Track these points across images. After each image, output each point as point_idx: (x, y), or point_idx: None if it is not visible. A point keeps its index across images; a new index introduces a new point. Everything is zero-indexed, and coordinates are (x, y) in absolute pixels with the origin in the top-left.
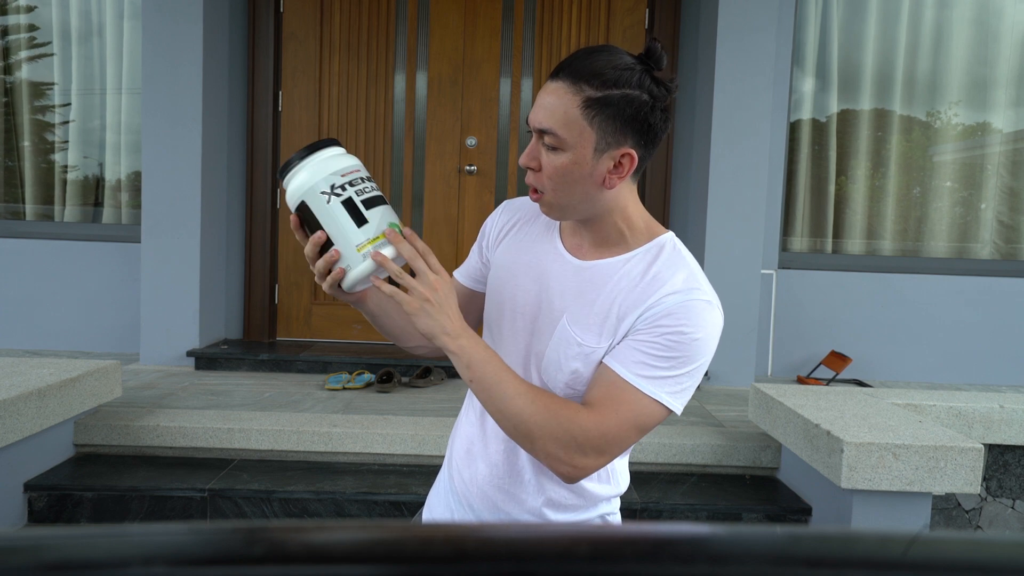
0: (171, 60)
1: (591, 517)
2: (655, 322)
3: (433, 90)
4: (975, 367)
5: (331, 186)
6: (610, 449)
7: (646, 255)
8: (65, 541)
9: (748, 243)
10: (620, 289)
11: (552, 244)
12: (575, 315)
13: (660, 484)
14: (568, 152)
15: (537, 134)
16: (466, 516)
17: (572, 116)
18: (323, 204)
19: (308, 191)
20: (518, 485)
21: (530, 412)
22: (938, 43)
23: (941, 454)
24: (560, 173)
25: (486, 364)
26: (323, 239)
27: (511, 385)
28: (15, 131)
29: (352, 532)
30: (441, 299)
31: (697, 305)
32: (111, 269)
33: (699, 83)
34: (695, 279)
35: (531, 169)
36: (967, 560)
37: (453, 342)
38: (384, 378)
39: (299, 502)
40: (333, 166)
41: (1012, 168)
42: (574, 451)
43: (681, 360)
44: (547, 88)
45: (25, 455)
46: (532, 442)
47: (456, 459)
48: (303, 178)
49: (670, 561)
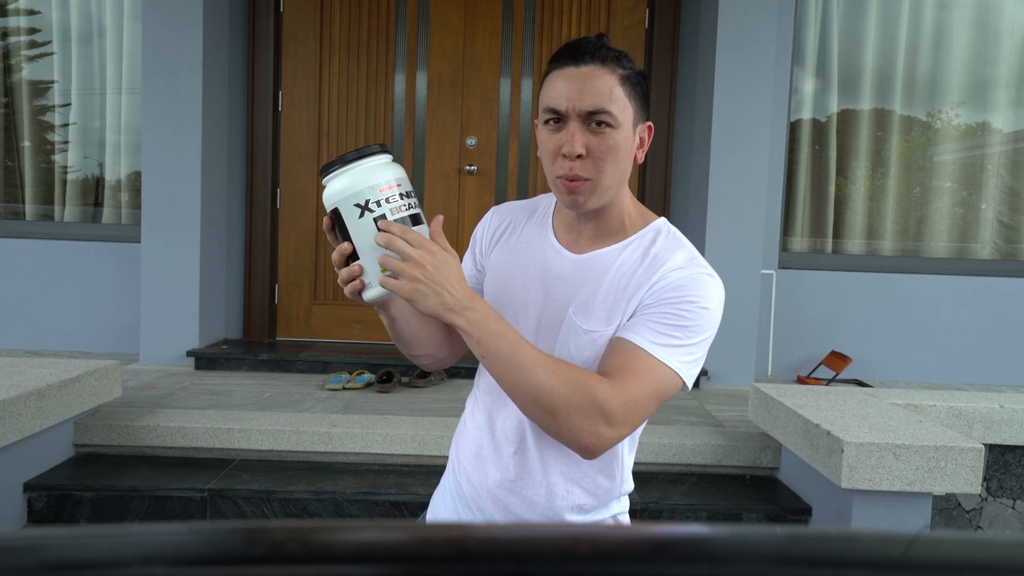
0: (171, 60)
1: (605, 518)
2: (663, 295)
3: (433, 90)
4: (975, 367)
5: (366, 201)
6: (632, 418)
7: (643, 240)
8: (65, 541)
9: (748, 243)
10: (623, 274)
11: (547, 242)
12: (580, 306)
13: (660, 484)
14: (619, 129)
15: (584, 117)
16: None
17: (617, 94)
18: (354, 217)
19: (343, 200)
20: (530, 487)
21: (551, 383)
22: (938, 43)
23: (941, 454)
24: (615, 152)
25: (500, 337)
26: (349, 251)
27: (529, 356)
28: (15, 131)
29: (352, 532)
30: (432, 273)
31: (702, 277)
32: (111, 269)
33: (699, 83)
34: (695, 256)
35: (579, 157)
36: (967, 560)
37: (459, 316)
38: (384, 378)
39: (299, 502)
40: (373, 178)
41: (1012, 168)
42: (599, 421)
43: (691, 329)
44: (579, 73)
45: (25, 455)
46: (554, 415)
47: (464, 464)
48: (341, 185)
49: (670, 561)
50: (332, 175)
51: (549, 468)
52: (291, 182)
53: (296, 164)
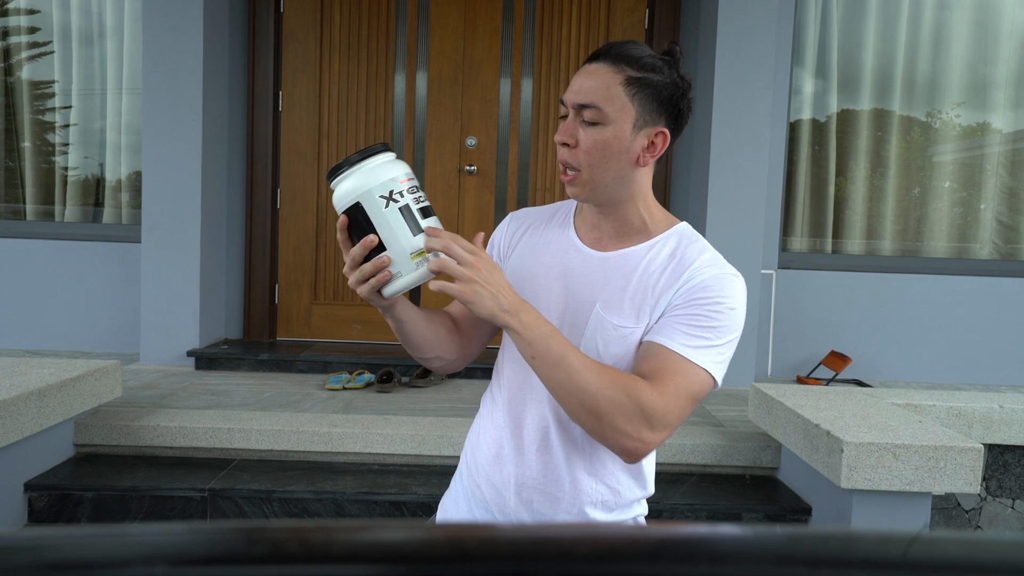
0: (171, 60)
1: (627, 518)
2: (692, 297)
3: (433, 90)
4: (975, 367)
5: (390, 192)
6: (671, 421)
7: (668, 241)
8: (65, 541)
9: (748, 243)
10: (651, 272)
11: (570, 242)
12: (608, 302)
13: (660, 484)
14: (608, 126)
15: (575, 111)
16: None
17: (615, 92)
18: (379, 209)
19: (365, 194)
20: (554, 484)
21: (598, 386)
22: (938, 43)
23: (941, 454)
24: (599, 147)
25: (549, 339)
26: (375, 243)
27: (576, 359)
28: (16, 131)
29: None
30: (487, 276)
31: (728, 278)
32: (111, 269)
33: (699, 83)
34: (719, 258)
35: (567, 145)
36: (967, 560)
37: (514, 319)
38: (384, 378)
39: (299, 502)
40: (391, 172)
41: (1011, 168)
42: (642, 425)
43: (720, 330)
44: (586, 70)
45: (25, 455)
46: (599, 418)
47: (483, 466)
48: (359, 180)
49: (670, 561)
50: (343, 175)
51: (573, 465)
52: (291, 182)
53: (296, 164)
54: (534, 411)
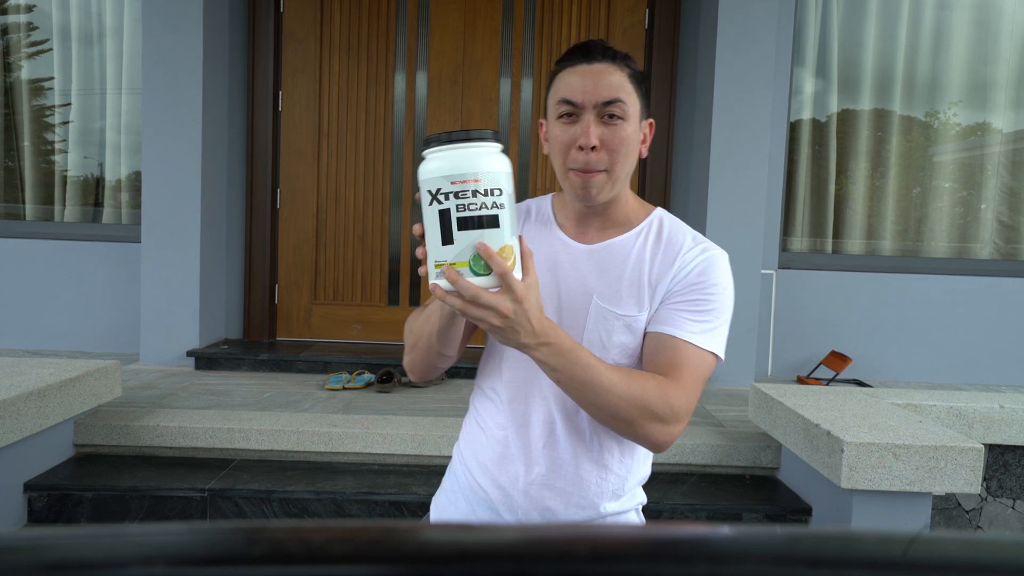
0: (171, 60)
1: (633, 506)
2: (690, 283)
3: (433, 90)
4: (975, 367)
5: (437, 189)
6: (692, 409)
7: (651, 227)
8: (65, 541)
9: (748, 243)
10: (644, 259)
11: (555, 237)
12: (605, 292)
13: (660, 484)
14: (628, 121)
15: (599, 110)
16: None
17: (628, 87)
18: (425, 203)
19: (423, 182)
20: (563, 479)
21: (628, 399)
22: (938, 43)
23: (941, 454)
24: (626, 143)
25: (573, 366)
26: (419, 232)
27: (603, 379)
28: (15, 131)
29: (352, 532)
30: (511, 320)
31: (716, 258)
32: (111, 269)
33: (699, 83)
34: (700, 236)
35: (593, 148)
36: (967, 560)
37: (536, 351)
38: (384, 378)
39: (299, 502)
40: (456, 167)
41: (1012, 168)
42: (672, 422)
43: (718, 311)
44: (590, 69)
45: (25, 455)
46: (631, 424)
47: (487, 467)
48: (426, 166)
49: (670, 561)
50: (428, 152)
51: (579, 457)
52: (291, 182)
53: (296, 164)
54: (539, 408)
